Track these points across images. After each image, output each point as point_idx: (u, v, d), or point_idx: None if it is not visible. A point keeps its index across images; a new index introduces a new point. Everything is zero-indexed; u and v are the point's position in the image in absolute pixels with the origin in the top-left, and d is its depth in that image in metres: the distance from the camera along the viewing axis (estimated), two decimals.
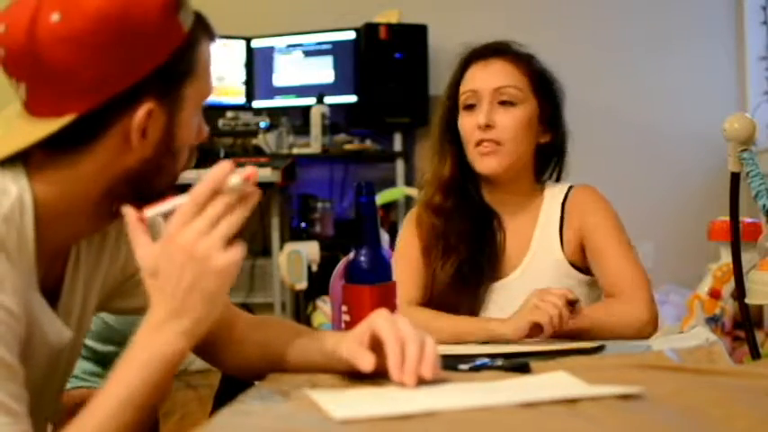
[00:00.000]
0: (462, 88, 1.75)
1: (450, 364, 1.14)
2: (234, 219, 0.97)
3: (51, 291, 1.10)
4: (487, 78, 1.72)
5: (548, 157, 1.80)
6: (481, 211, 1.77)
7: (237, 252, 0.97)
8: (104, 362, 1.64)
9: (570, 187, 1.78)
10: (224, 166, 0.97)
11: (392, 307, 1.26)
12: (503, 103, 1.71)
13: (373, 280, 1.24)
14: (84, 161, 1.03)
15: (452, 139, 1.76)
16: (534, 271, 1.73)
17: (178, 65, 1.03)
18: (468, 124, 1.73)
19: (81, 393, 1.61)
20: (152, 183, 1.07)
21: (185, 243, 0.95)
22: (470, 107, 1.73)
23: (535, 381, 1.05)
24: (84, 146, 1.02)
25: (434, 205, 1.77)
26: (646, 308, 1.60)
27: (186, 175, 1.13)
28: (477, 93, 1.72)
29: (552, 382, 1.01)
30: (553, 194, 1.78)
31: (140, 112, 1.00)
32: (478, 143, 1.71)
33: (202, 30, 1.07)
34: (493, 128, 1.69)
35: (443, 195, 1.76)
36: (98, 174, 1.04)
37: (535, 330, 1.49)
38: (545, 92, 1.75)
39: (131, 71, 0.99)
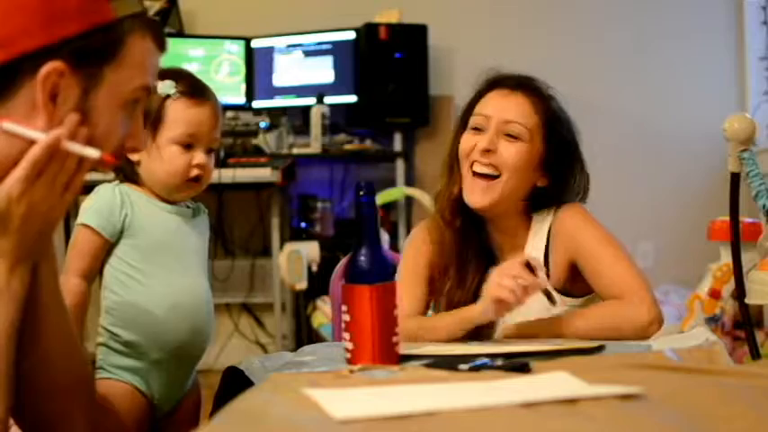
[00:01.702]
0: (476, 109, 1.76)
1: (451, 363, 1.14)
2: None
3: None
4: (502, 108, 1.72)
5: (542, 199, 1.77)
6: (480, 237, 1.77)
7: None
8: (133, 351, 1.64)
9: (556, 210, 1.75)
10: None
11: (392, 307, 1.26)
12: (508, 135, 1.70)
13: (373, 280, 1.24)
14: (2, 118, 1.05)
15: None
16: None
17: (97, 42, 1.06)
18: (469, 142, 1.73)
19: (107, 385, 1.61)
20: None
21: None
22: (477, 130, 1.73)
23: (535, 381, 1.05)
24: None
25: (446, 220, 1.76)
26: (648, 309, 1.58)
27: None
28: (488, 119, 1.72)
29: (552, 382, 1.01)
30: (541, 218, 1.76)
31: (46, 67, 1.03)
32: (473, 163, 1.71)
33: (145, 29, 1.11)
34: (493, 153, 1.69)
35: (453, 213, 1.76)
36: (11, 139, 1.06)
37: (501, 306, 1.50)
38: (554, 136, 1.73)
39: (45, 31, 1.03)
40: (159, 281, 1.65)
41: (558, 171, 1.75)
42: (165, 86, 1.64)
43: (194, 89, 1.67)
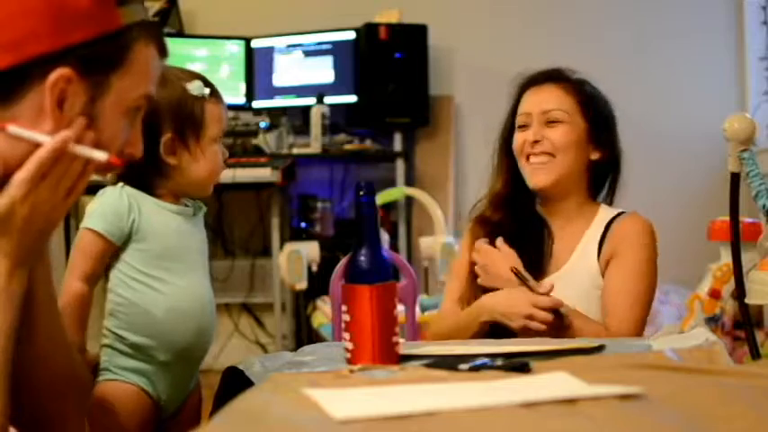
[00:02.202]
0: (518, 111, 1.88)
1: (450, 364, 1.14)
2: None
3: None
4: (538, 102, 1.85)
5: (602, 174, 1.90)
6: (531, 219, 1.86)
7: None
8: (138, 353, 1.64)
9: (621, 212, 1.86)
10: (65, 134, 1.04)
11: (392, 307, 1.26)
12: (551, 122, 1.83)
13: (373, 280, 1.24)
14: (7, 122, 1.06)
15: (508, 157, 1.89)
16: (571, 276, 1.81)
17: (105, 49, 1.06)
18: (519, 139, 1.85)
19: (113, 387, 1.61)
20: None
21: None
22: (523, 127, 1.86)
23: (535, 381, 1.05)
24: (6, 104, 1.05)
25: (485, 218, 1.89)
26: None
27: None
28: (529, 115, 1.85)
29: (552, 382, 1.01)
30: (604, 214, 1.87)
31: (55, 73, 1.03)
32: (528, 157, 1.83)
33: (149, 37, 1.12)
34: (541, 142, 1.82)
35: (494, 209, 1.88)
36: (15, 142, 1.06)
37: (525, 331, 1.65)
38: (594, 114, 1.86)
39: (53, 36, 1.03)
40: (167, 284, 1.65)
41: (606, 142, 1.88)
42: (198, 87, 1.65)
43: (214, 87, 1.69)
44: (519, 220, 1.85)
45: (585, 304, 1.74)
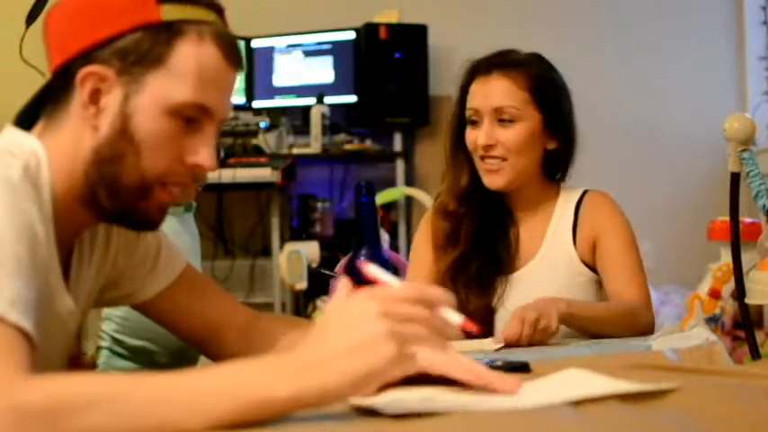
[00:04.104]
0: (467, 104, 1.79)
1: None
2: (423, 334, 0.85)
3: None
4: (487, 97, 1.75)
5: (557, 160, 1.82)
6: (494, 210, 1.80)
7: (407, 362, 0.84)
8: (137, 357, 1.63)
9: (585, 191, 1.83)
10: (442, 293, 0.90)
11: None
12: (502, 120, 1.73)
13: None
14: (63, 128, 1.06)
15: (464, 150, 1.79)
16: (548, 263, 1.78)
17: (142, 46, 1.03)
18: (471, 137, 1.77)
19: None
20: (116, 173, 1.05)
21: (373, 310, 0.83)
22: (474, 123, 1.77)
23: (558, 380, 1.02)
24: (59, 107, 1.06)
25: (448, 211, 1.81)
26: (652, 315, 1.71)
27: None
28: (478, 111, 1.75)
29: (576, 380, 0.99)
30: (568, 196, 1.83)
31: (84, 69, 1.03)
32: (482, 158, 1.75)
33: (209, 41, 1.06)
34: (495, 146, 1.73)
35: (458, 203, 1.80)
36: (75, 145, 1.06)
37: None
38: (548, 102, 1.76)
39: (91, 32, 1.04)
40: None
41: (561, 129, 1.78)
42: None
43: None
44: (483, 212, 1.79)
45: (565, 293, 1.70)
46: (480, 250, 1.77)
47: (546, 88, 1.76)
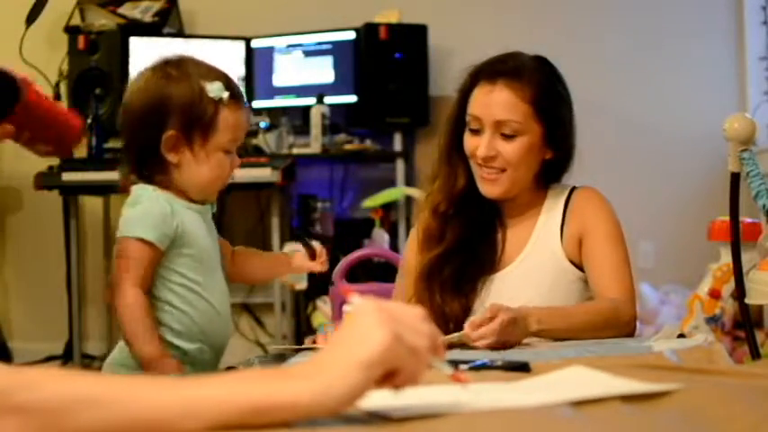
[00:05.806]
0: (468, 109, 1.76)
1: (450, 364, 1.13)
2: (421, 344, 0.84)
3: None
4: (490, 108, 1.72)
5: (554, 167, 1.82)
6: (485, 214, 1.80)
7: (404, 351, 0.83)
8: (193, 360, 1.63)
9: (573, 188, 1.82)
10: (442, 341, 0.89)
11: None
12: (504, 134, 1.72)
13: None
14: None
15: (462, 152, 1.78)
16: (532, 263, 1.77)
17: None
18: (471, 145, 1.75)
19: None
20: None
21: (376, 314, 0.83)
22: (474, 131, 1.75)
23: (560, 378, 1.02)
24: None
25: (439, 212, 1.80)
26: (633, 308, 1.70)
27: None
28: (479, 120, 1.73)
29: (581, 378, 0.99)
30: (556, 194, 1.82)
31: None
32: (481, 165, 1.74)
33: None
34: (495, 158, 1.72)
35: (451, 205, 1.79)
36: None
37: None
38: (550, 115, 1.74)
39: None
40: (206, 287, 1.63)
41: (561, 140, 1.78)
42: (218, 89, 1.58)
43: (237, 92, 1.63)
44: (473, 215, 1.79)
45: (549, 292, 1.70)
46: (462, 250, 1.77)
47: (549, 100, 1.75)
